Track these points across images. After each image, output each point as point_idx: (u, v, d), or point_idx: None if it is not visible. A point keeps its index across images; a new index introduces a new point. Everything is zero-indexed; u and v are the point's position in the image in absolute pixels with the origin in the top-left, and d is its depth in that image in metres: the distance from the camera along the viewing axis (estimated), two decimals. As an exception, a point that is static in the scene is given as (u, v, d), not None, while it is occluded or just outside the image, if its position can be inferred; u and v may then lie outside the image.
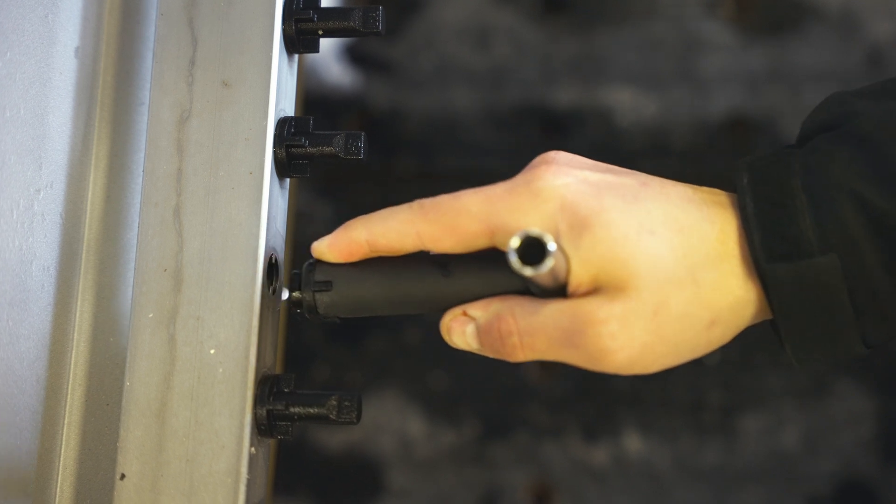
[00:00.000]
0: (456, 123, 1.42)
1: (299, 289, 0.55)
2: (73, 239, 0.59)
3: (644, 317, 0.50)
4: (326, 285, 0.55)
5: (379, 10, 0.59)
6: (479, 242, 0.53)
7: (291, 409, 0.55)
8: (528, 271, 0.47)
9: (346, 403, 0.55)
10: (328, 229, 0.56)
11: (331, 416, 0.55)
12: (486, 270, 0.54)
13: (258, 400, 0.54)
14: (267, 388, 0.55)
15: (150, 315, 0.55)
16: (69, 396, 0.59)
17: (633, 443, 1.35)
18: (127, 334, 0.56)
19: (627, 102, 1.40)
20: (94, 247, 0.60)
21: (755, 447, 1.35)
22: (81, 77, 0.59)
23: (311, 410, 0.55)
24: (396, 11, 1.43)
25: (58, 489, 0.58)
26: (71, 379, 0.59)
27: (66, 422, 0.58)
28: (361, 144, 0.58)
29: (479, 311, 0.53)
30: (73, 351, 0.59)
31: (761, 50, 1.40)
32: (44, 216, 0.57)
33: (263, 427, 0.55)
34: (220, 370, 0.54)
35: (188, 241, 0.56)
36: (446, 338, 0.55)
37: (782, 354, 0.52)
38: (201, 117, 0.57)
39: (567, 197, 0.51)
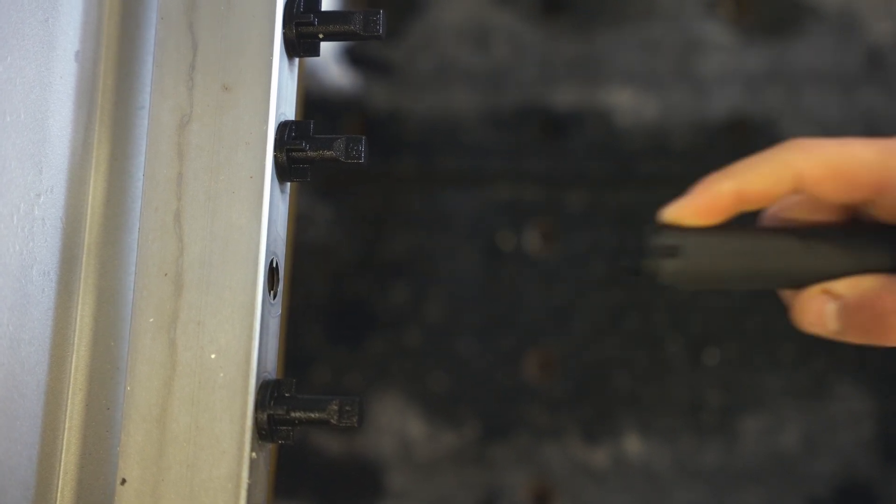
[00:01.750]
0: (456, 124, 1.42)
1: (640, 254, 0.50)
2: (73, 243, 0.59)
3: None
4: (674, 251, 0.50)
5: (380, 13, 0.59)
6: (860, 195, 0.49)
7: (292, 414, 0.55)
8: None
9: (347, 408, 0.55)
10: (329, 231, 0.56)
11: (332, 420, 0.55)
12: (854, 244, 0.50)
13: (259, 405, 0.54)
14: (268, 393, 0.55)
15: (151, 320, 0.55)
16: (70, 401, 0.59)
17: (633, 443, 1.35)
18: (127, 339, 0.56)
19: (627, 103, 1.40)
20: (95, 251, 0.60)
21: (755, 448, 1.35)
22: (81, 81, 0.59)
23: (312, 415, 0.55)
24: (396, 13, 1.43)
25: (58, 494, 0.58)
26: (71, 383, 0.59)
27: (66, 426, 0.58)
28: (362, 148, 0.58)
29: (848, 288, 0.50)
30: (74, 355, 0.59)
31: (761, 50, 1.40)
32: (44, 221, 0.57)
33: (264, 432, 0.55)
34: (221, 375, 0.54)
35: (189, 245, 0.55)
36: (798, 318, 0.51)
37: (781, 354, 0.51)
38: (202, 121, 0.57)
39: None
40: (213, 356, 0.54)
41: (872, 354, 1.32)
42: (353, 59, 1.44)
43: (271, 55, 0.57)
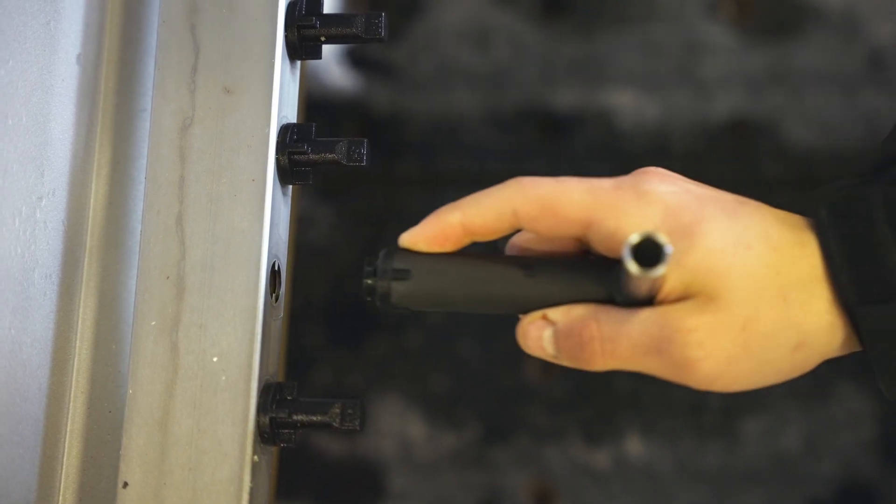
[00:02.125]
0: (457, 126, 1.42)
1: (374, 276, 0.53)
2: (75, 246, 0.59)
3: (733, 329, 0.49)
4: (404, 274, 0.53)
5: (382, 16, 0.59)
6: (571, 231, 0.52)
7: (294, 417, 0.55)
8: (639, 272, 0.46)
9: (350, 411, 0.55)
10: (330, 234, 0.56)
11: (334, 423, 0.55)
12: (571, 275, 0.53)
13: (261, 408, 0.54)
14: (270, 396, 0.55)
15: (153, 323, 0.55)
16: (71, 404, 0.59)
17: (634, 445, 1.35)
18: (129, 342, 0.56)
19: (628, 104, 1.40)
20: (97, 254, 0.60)
21: (756, 449, 1.35)
22: (83, 84, 0.59)
23: (315, 418, 0.55)
24: (397, 14, 1.43)
25: (60, 497, 0.58)
26: (73, 387, 0.59)
27: (68, 429, 0.58)
28: (364, 151, 0.58)
29: (560, 315, 0.52)
30: (76, 359, 0.59)
31: (762, 52, 1.40)
32: (46, 224, 0.57)
33: (266, 435, 0.55)
34: (223, 378, 0.54)
35: (191, 248, 0.55)
36: (522, 342, 0.54)
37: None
38: (203, 124, 0.56)
39: (671, 203, 0.51)
40: (215, 359, 0.54)
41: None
42: (355, 60, 1.44)
43: (273, 58, 0.57)
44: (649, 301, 0.51)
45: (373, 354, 1.40)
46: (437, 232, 0.53)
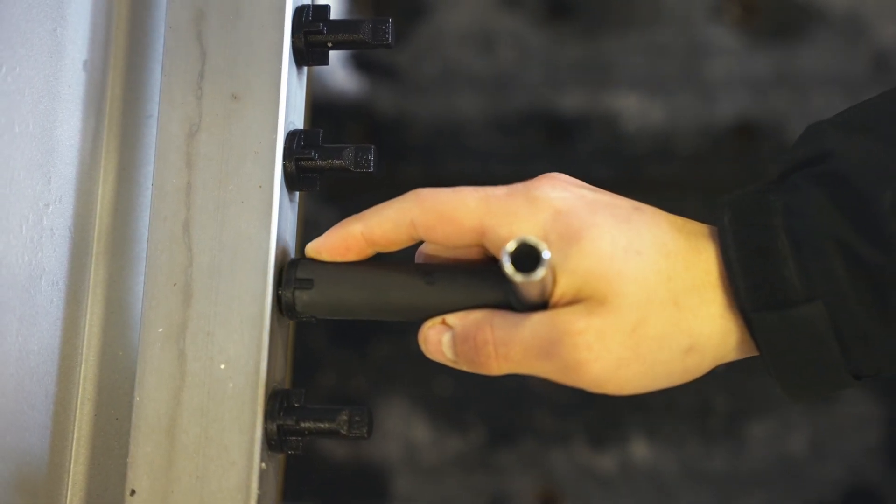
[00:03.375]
0: (461, 129, 1.42)
1: (279, 285, 0.55)
2: (82, 253, 0.59)
3: (622, 332, 0.50)
4: (307, 283, 0.55)
5: (388, 22, 0.58)
6: (468, 239, 0.53)
7: (302, 424, 0.55)
8: (519, 277, 0.48)
9: (357, 418, 0.55)
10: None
11: (342, 430, 0.55)
12: (470, 281, 0.54)
13: (268, 415, 0.54)
14: (277, 403, 0.54)
15: (160, 330, 0.55)
16: (78, 411, 0.59)
17: (640, 449, 1.35)
18: (136, 349, 0.56)
19: (633, 107, 1.40)
20: (103, 261, 0.60)
21: (762, 453, 1.35)
22: (90, 90, 0.59)
23: (322, 425, 0.55)
24: (401, 17, 1.43)
25: (67, 504, 0.58)
26: (80, 394, 0.59)
27: (75, 437, 0.58)
28: (371, 157, 0.58)
29: (458, 320, 0.54)
30: (83, 366, 0.59)
31: (767, 54, 1.39)
32: (53, 231, 0.56)
33: (274, 442, 0.54)
34: (231, 385, 0.54)
35: (198, 255, 0.55)
36: (423, 347, 0.55)
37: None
38: (210, 131, 0.56)
39: (561, 208, 0.52)
40: (222, 366, 0.54)
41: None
42: (359, 63, 1.44)
43: (280, 64, 0.57)
44: (543, 305, 0.52)
45: (377, 357, 1.40)
46: (338, 242, 0.55)
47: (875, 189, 0.49)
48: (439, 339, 0.54)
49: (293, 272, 0.55)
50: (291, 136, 0.57)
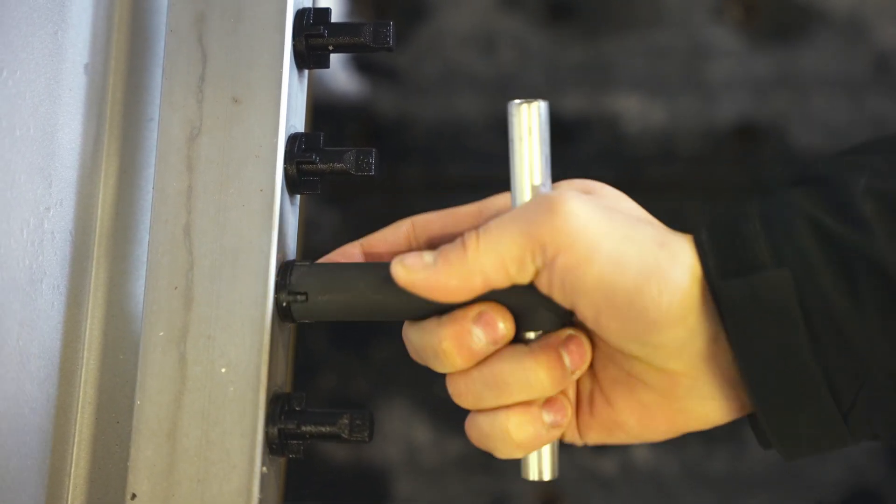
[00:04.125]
0: (462, 131, 1.41)
1: (276, 292, 0.55)
2: (82, 257, 0.59)
3: (599, 208, 0.52)
4: (301, 295, 0.55)
5: (389, 25, 0.58)
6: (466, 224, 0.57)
7: (303, 428, 0.55)
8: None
9: (358, 422, 0.55)
10: (335, 238, 0.56)
11: (343, 434, 0.55)
12: None
13: (269, 419, 0.54)
14: (278, 407, 0.54)
15: (161, 333, 0.55)
16: (79, 415, 0.58)
17: (641, 450, 1.35)
18: (137, 353, 0.56)
19: (634, 109, 1.40)
20: (104, 264, 0.60)
21: (763, 454, 1.34)
22: (91, 94, 0.59)
23: (323, 429, 0.55)
24: (402, 19, 1.43)
25: (68, 508, 0.58)
26: (81, 397, 0.59)
27: (76, 440, 0.58)
28: (372, 161, 0.58)
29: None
30: (83, 369, 0.59)
31: (769, 56, 1.39)
32: (53, 234, 0.56)
33: (275, 446, 0.54)
34: (232, 389, 0.54)
35: (199, 258, 0.55)
36: (398, 267, 0.53)
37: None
38: (211, 134, 0.56)
39: (556, 195, 0.53)
40: (223, 370, 0.54)
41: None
42: (360, 65, 1.44)
43: (281, 67, 0.56)
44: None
45: (378, 359, 1.40)
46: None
47: (850, 176, 0.50)
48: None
49: (288, 279, 0.55)
50: (292, 140, 0.57)
